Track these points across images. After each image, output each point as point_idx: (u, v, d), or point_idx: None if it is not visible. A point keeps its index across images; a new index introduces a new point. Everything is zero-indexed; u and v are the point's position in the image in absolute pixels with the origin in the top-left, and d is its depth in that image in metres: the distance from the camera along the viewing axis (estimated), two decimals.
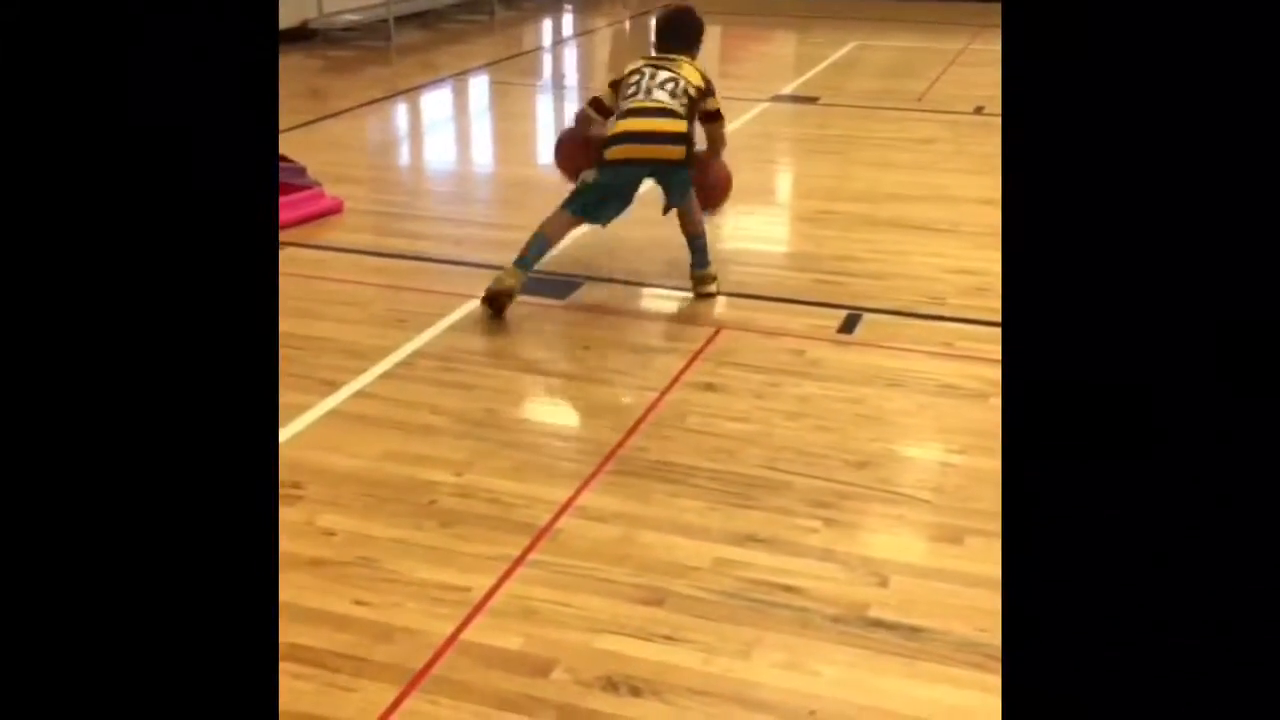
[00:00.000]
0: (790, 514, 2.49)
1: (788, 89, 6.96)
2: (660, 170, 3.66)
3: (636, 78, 3.67)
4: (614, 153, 3.60)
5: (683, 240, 3.88)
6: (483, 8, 9.78)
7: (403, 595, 2.21)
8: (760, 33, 9.11)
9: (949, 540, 2.39)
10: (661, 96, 3.61)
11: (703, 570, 2.29)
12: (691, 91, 3.65)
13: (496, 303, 3.48)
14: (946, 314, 3.55)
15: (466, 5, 9.79)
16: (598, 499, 2.55)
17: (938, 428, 2.89)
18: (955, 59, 7.52)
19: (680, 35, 3.82)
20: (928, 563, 2.33)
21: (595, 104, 3.82)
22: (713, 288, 3.74)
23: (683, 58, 3.75)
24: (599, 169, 3.62)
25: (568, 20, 10.27)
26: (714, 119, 3.77)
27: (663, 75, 3.65)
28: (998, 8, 1.33)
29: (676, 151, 3.60)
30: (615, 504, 2.53)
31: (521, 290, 3.53)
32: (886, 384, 3.10)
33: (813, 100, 6.66)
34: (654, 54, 3.80)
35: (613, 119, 3.72)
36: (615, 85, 3.78)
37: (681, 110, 3.60)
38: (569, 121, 6.69)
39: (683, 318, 3.60)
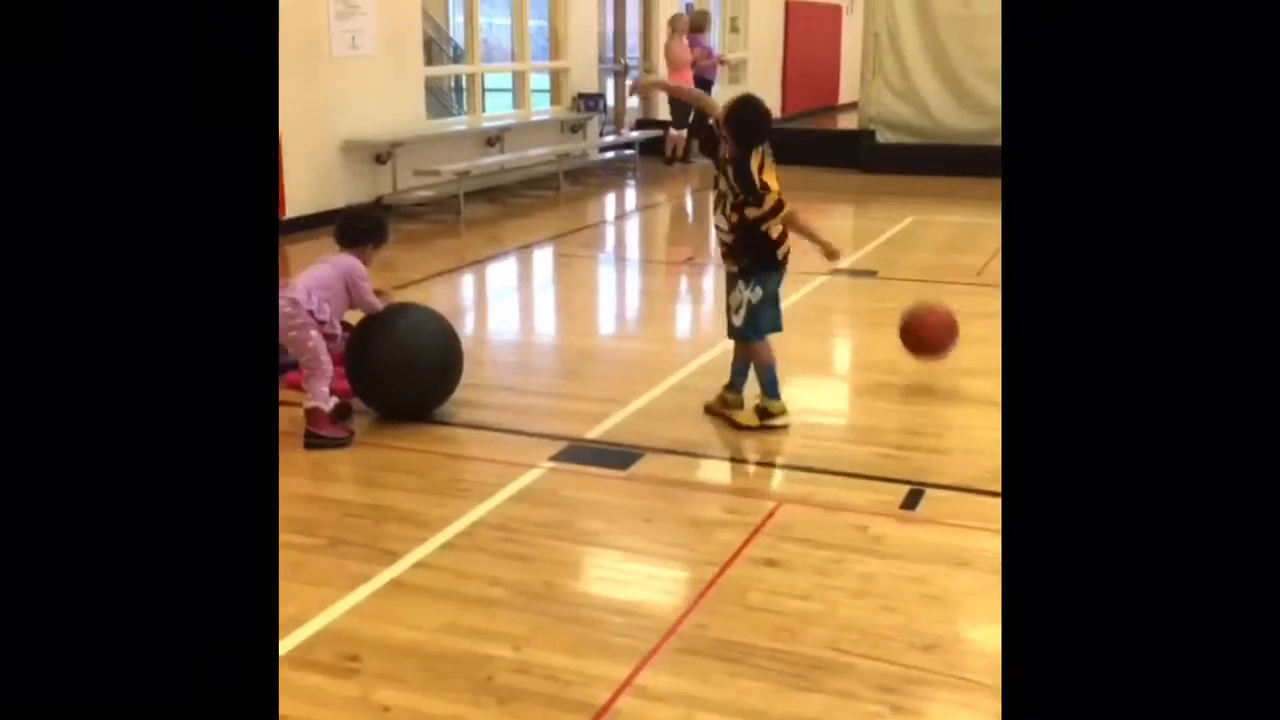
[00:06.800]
0: (854, 698, 2.42)
1: (846, 263, 7.05)
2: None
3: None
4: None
5: None
6: (549, 184, 10.13)
7: None
8: (818, 207, 9.29)
9: None
10: (719, 221, 4.00)
11: None
12: (734, 199, 3.87)
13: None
14: None
15: (533, 181, 10.15)
16: (657, 678, 2.50)
17: None
18: None
19: (744, 133, 3.85)
20: None
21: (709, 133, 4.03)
22: (746, 419, 3.95)
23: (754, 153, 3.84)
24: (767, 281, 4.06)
25: (630, 195, 10.58)
26: (769, 216, 3.89)
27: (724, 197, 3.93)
28: None
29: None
30: (675, 683, 2.47)
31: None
32: (952, 563, 3.05)
33: (871, 274, 6.74)
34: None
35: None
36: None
37: (727, 228, 3.94)
38: (631, 293, 6.84)
39: (743, 490, 3.58)
